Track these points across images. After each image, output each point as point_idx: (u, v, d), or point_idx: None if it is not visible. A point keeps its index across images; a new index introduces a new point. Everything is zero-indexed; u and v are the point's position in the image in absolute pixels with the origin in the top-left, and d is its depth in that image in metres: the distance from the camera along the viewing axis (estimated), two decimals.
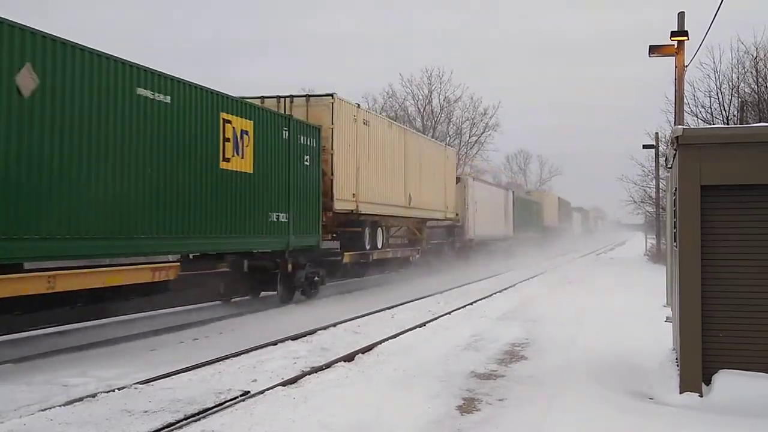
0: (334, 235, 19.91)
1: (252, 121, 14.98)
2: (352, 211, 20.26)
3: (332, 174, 18.92)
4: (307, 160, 17.57)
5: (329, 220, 19.23)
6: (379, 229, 23.34)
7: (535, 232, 54.75)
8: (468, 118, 58.40)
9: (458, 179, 33.50)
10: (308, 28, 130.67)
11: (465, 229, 33.88)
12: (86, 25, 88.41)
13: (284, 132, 16.37)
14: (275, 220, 16.02)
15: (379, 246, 23.31)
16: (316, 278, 18.91)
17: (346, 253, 20.42)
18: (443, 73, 57.64)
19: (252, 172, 14.98)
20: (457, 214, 32.34)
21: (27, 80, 9.49)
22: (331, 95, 19.06)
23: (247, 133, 14.77)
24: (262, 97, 18.61)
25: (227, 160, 14.10)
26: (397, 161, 24.34)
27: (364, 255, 22.07)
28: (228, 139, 14.08)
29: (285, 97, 19.04)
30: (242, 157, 14.64)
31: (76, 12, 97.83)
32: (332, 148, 18.86)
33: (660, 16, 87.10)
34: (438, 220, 29.92)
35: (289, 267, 17.29)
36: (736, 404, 7.23)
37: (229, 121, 14.12)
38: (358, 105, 21.22)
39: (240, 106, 14.74)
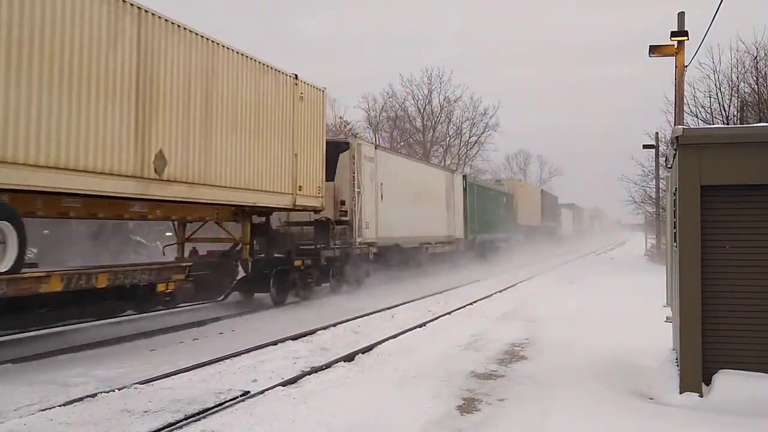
0: None
1: None
2: None
3: None
4: None
5: None
6: None
7: (505, 233, 41.82)
8: (468, 118, 58.50)
9: (346, 145, 21.15)
10: (309, 29, 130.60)
11: (354, 228, 20.76)
12: None
13: None
14: None
15: None
16: None
17: None
18: (443, 72, 57.88)
19: None
20: (342, 203, 20.57)
21: None
22: None
23: None
24: None
25: None
26: (104, 73, 11.13)
27: None
28: None
29: None
30: None
31: None
32: None
33: (660, 16, 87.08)
34: (280, 210, 17.72)
35: None
36: (736, 404, 7.23)
37: None
38: None
39: None
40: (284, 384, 8.85)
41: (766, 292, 7.66)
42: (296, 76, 17.43)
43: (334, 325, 13.89)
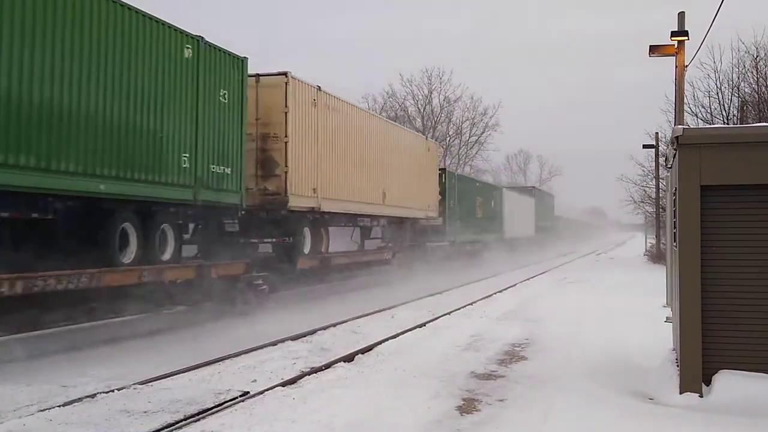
0: None
1: None
2: None
3: None
4: None
5: None
6: None
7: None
8: (468, 118, 58.53)
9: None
10: (310, 28, 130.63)
11: None
12: None
13: None
14: None
15: None
16: None
17: None
18: (443, 72, 57.64)
19: None
20: None
21: None
22: None
23: None
24: None
25: None
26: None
27: None
28: None
29: None
30: None
31: None
32: None
33: (661, 17, 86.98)
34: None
35: None
36: (736, 404, 7.22)
37: None
38: None
39: None
40: (284, 384, 8.84)
41: (765, 292, 7.66)
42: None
43: (334, 325, 13.88)
